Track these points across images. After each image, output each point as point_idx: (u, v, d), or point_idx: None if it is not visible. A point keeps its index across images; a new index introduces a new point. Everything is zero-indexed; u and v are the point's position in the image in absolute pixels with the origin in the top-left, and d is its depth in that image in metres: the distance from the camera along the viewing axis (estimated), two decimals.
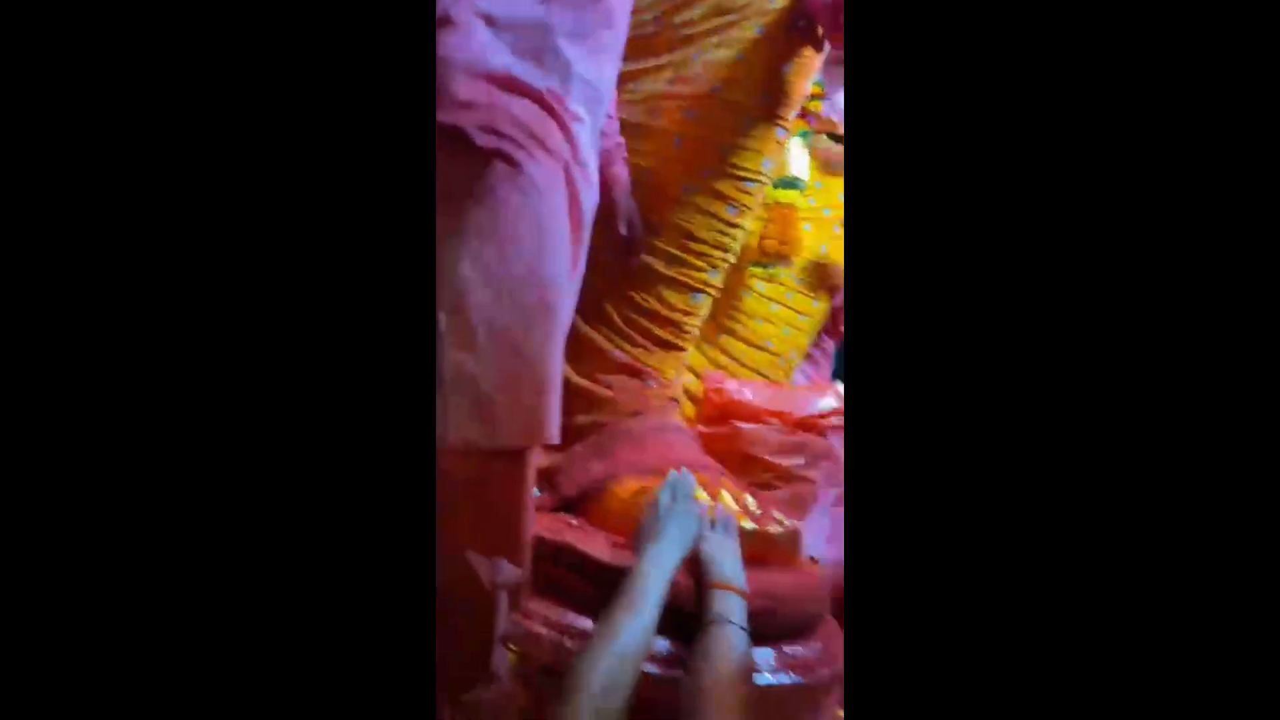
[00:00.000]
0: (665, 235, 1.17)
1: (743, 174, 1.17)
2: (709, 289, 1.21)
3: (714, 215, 1.18)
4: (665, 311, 1.18)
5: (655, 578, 0.77)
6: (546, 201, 0.71)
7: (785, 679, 0.85)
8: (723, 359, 1.90)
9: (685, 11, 1.14)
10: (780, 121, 1.16)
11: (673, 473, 0.95)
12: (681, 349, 1.23)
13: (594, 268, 0.98)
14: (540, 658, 0.84)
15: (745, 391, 1.50)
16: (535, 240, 0.70)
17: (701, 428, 1.47)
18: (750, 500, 1.06)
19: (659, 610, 0.75)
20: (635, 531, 0.87)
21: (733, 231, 1.20)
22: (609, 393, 1.15)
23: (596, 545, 0.91)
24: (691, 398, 1.71)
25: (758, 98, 1.12)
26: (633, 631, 0.70)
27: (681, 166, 1.17)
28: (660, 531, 0.84)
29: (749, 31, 1.11)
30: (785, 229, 1.69)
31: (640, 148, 1.14)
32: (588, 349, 1.15)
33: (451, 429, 0.65)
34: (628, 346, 1.18)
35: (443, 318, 0.65)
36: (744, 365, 1.84)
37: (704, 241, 1.18)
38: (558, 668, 0.79)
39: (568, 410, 1.17)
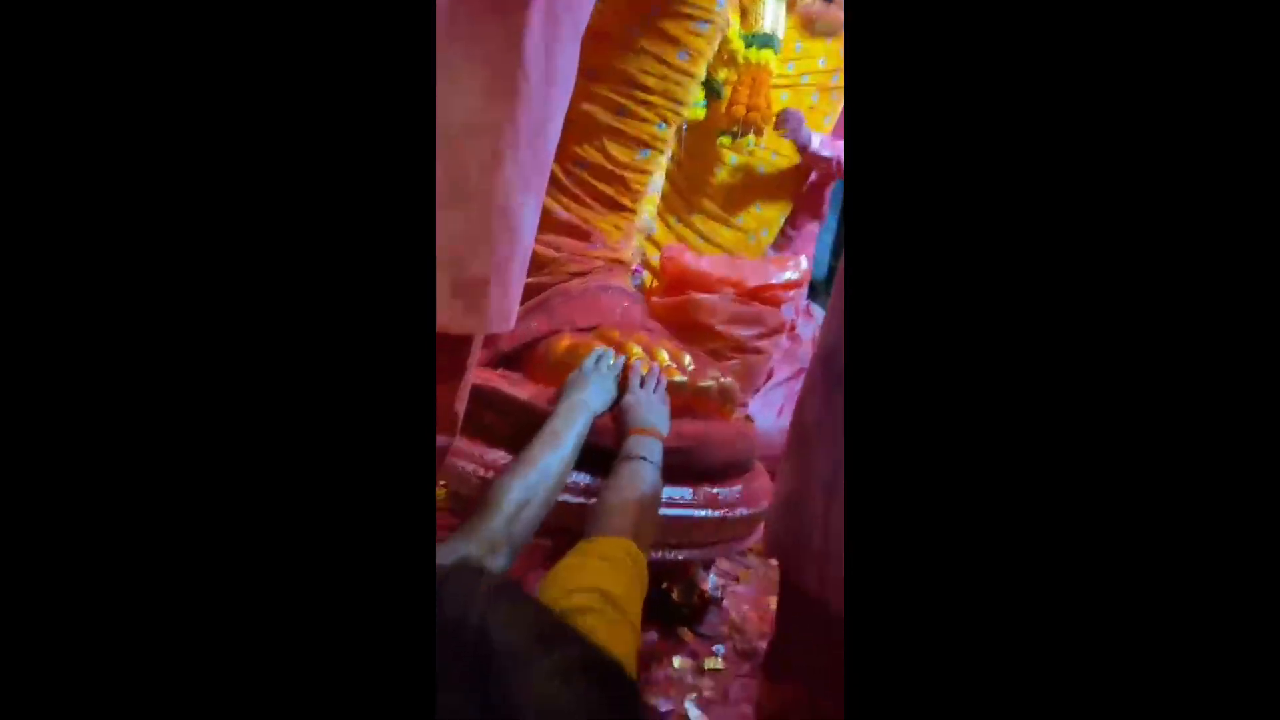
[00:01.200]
0: (609, 82, 1.10)
1: (694, 13, 1.08)
2: (657, 143, 1.16)
3: (663, 60, 1.10)
4: (610, 166, 1.13)
5: (572, 419, 0.79)
6: None
7: (699, 514, 0.89)
8: (691, 236, 1.86)
9: None
10: None
11: (599, 346, 0.96)
12: (629, 209, 1.19)
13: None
14: (466, 491, 0.87)
15: (702, 262, 1.47)
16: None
17: (655, 299, 1.46)
18: (687, 358, 1.07)
19: (574, 448, 0.78)
20: (560, 387, 0.88)
21: (683, 80, 1.13)
22: (553, 253, 1.12)
23: (524, 391, 0.93)
24: (652, 271, 1.69)
25: None
26: (548, 462, 0.73)
27: (627, 5, 1.08)
28: (582, 384, 0.86)
29: None
30: (756, 94, 1.59)
31: None
32: None
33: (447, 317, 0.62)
34: (573, 205, 1.14)
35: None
36: (713, 243, 1.81)
37: (651, 90, 1.11)
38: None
39: None
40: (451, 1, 0.58)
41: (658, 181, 1.53)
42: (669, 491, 0.86)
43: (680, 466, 0.87)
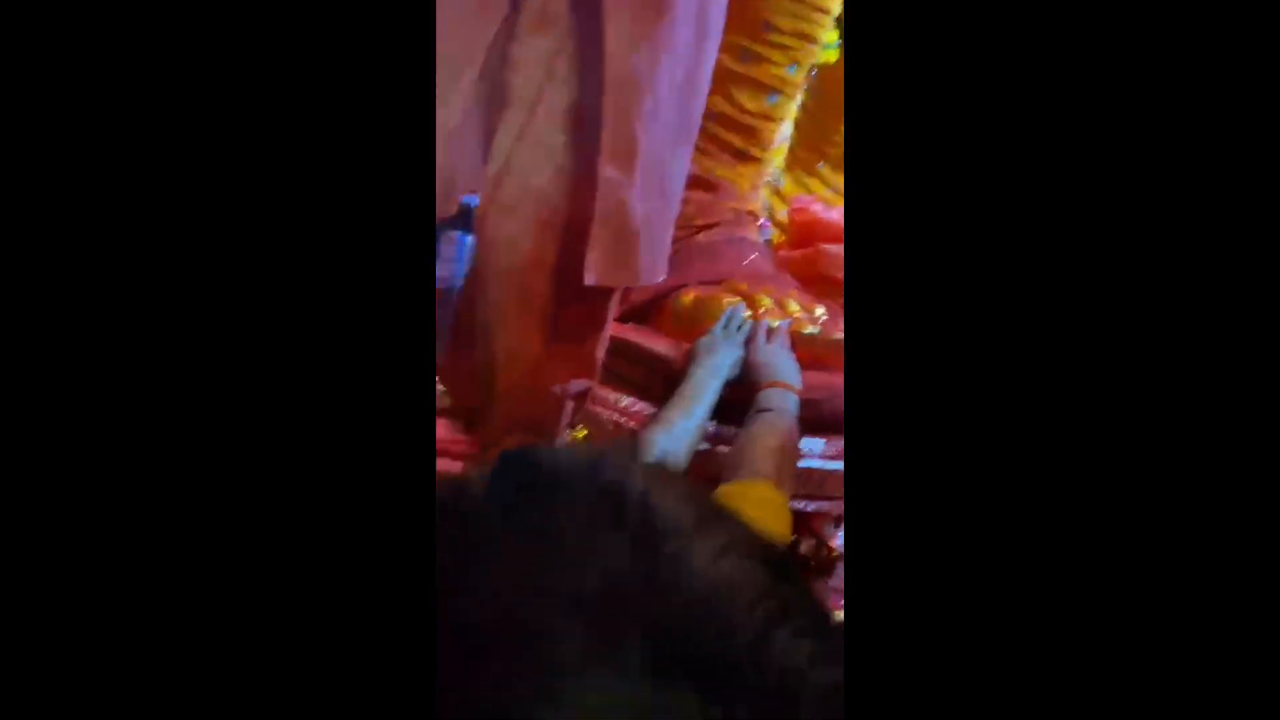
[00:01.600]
0: (738, 24, 1.07)
1: None
2: (786, 88, 1.12)
3: None
4: (737, 115, 1.11)
5: (705, 381, 0.81)
6: None
7: (830, 465, 0.88)
8: (819, 187, 1.78)
9: None
10: None
11: (730, 307, 0.96)
12: (756, 159, 1.17)
13: None
14: (603, 438, 0.92)
15: (832, 213, 1.41)
16: None
17: (784, 253, 1.42)
18: (819, 310, 1.04)
19: (706, 415, 0.80)
20: (690, 349, 0.90)
21: (817, 16, 1.08)
22: (685, 208, 1.13)
23: (657, 344, 0.96)
24: (780, 226, 1.64)
25: None
26: (682, 427, 0.75)
27: None
28: (714, 349, 0.88)
29: None
30: None
31: None
32: None
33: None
34: (699, 156, 1.14)
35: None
36: (828, 186, 1.72)
37: (782, 31, 1.07)
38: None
39: None
40: None
41: (786, 129, 1.48)
42: (802, 443, 0.85)
43: (812, 418, 0.86)
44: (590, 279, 0.69)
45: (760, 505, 0.58)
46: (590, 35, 0.64)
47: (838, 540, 1.16)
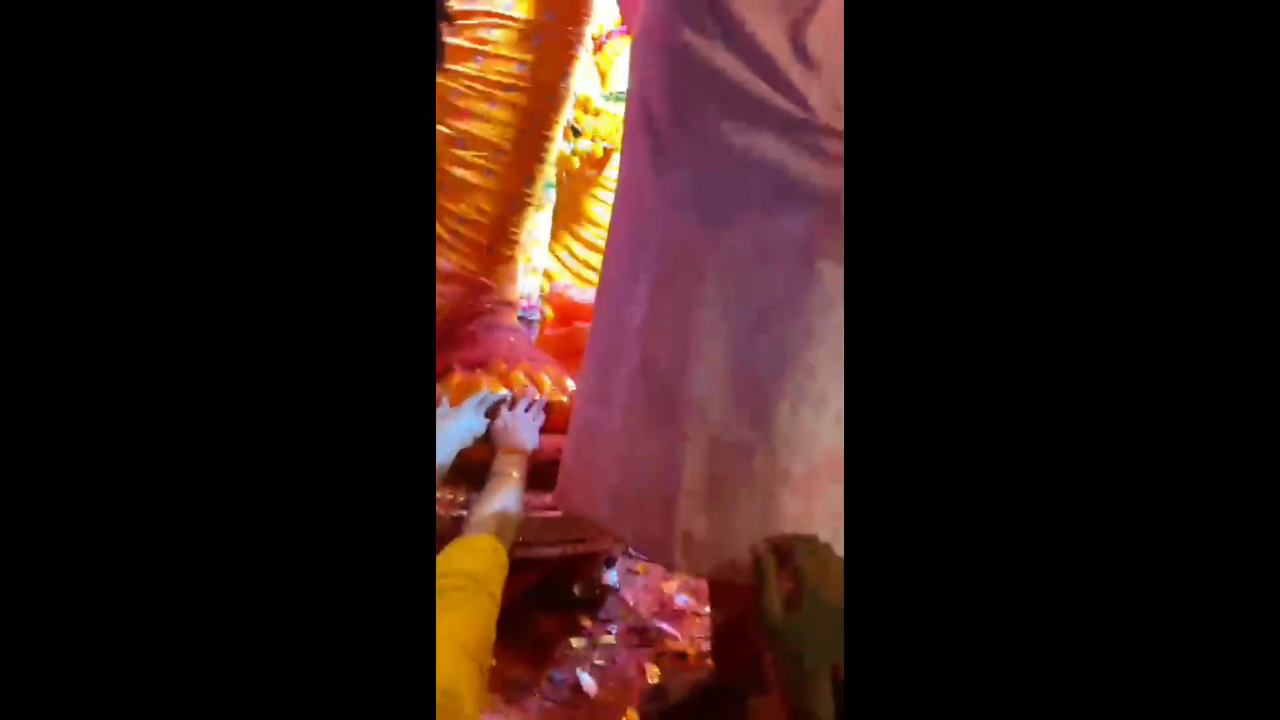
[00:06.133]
0: (476, 148, 1.27)
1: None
2: (527, 198, 1.33)
3: (510, 125, 1.27)
4: (486, 222, 1.30)
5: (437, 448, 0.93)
6: None
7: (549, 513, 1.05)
8: (568, 260, 2.05)
9: None
10: (576, 40, 1.25)
11: (484, 389, 1.12)
12: (509, 256, 1.35)
13: None
14: None
15: (586, 294, 1.65)
16: None
17: (549, 331, 1.62)
18: (569, 382, 1.23)
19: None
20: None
21: (547, 145, 1.31)
22: (441, 301, 1.27)
23: None
24: (549, 303, 1.85)
25: (546, 15, 1.20)
26: None
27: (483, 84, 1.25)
28: (446, 416, 1.02)
29: None
30: (615, 135, 1.81)
31: (441, 65, 1.21)
32: None
33: None
34: (455, 257, 1.30)
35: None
36: (589, 267, 2.00)
37: (507, 150, 1.28)
38: None
39: None
40: None
41: (543, 225, 1.71)
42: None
43: (551, 473, 1.02)
44: None
45: (477, 552, 0.72)
46: None
47: (609, 578, 1.33)
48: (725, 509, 0.69)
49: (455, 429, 0.99)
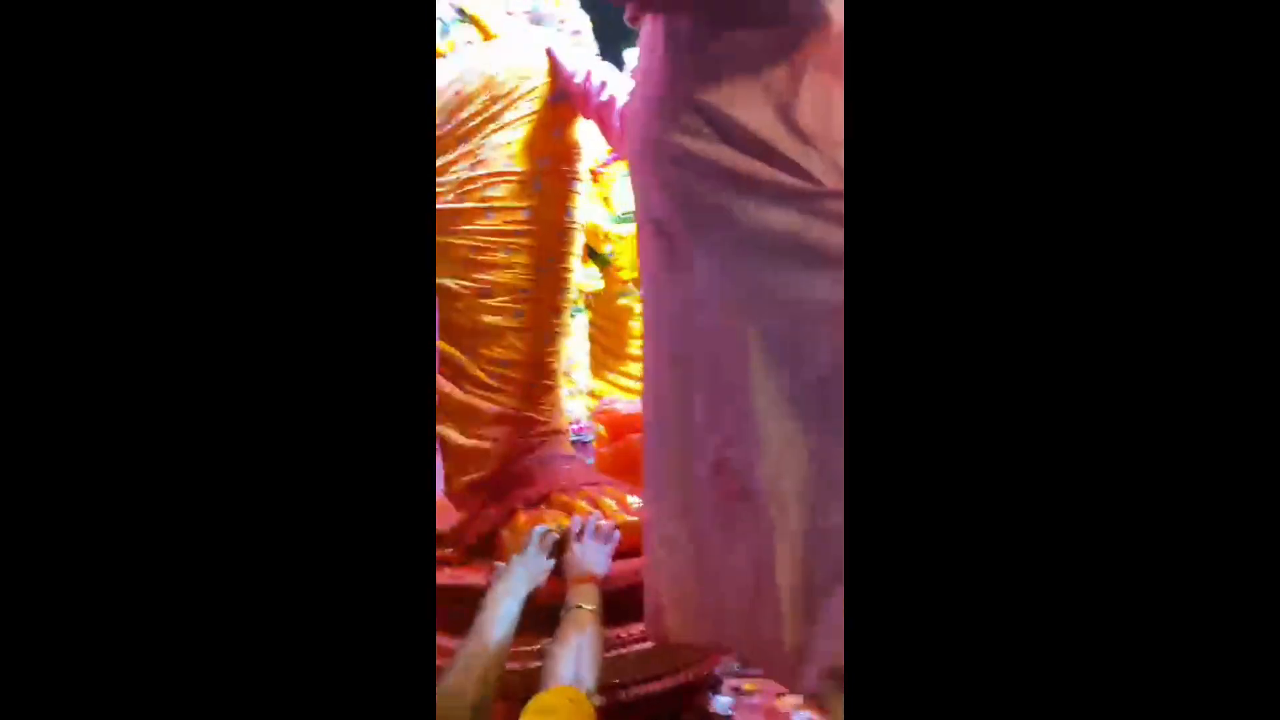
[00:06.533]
0: (502, 295, 1.33)
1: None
2: (558, 329, 1.37)
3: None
4: (524, 359, 1.33)
5: (497, 606, 0.88)
6: None
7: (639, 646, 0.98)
8: (624, 383, 2.06)
9: (466, 108, 1.32)
10: (573, 178, 1.33)
11: (537, 528, 1.08)
12: (551, 387, 1.37)
13: (446, 328, 1.13)
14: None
15: (634, 405, 1.64)
16: None
17: (603, 450, 1.60)
18: (633, 500, 1.20)
19: (504, 631, 0.86)
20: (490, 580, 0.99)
21: (565, 275, 1.37)
22: (489, 444, 1.28)
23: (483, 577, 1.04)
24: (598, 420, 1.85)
25: (541, 163, 1.30)
26: (474, 656, 0.80)
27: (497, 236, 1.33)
28: (506, 574, 0.97)
29: (521, 111, 1.29)
30: (629, 254, 1.88)
31: (458, 228, 1.30)
32: (462, 409, 1.29)
33: None
34: (498, 398, 1.32)
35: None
36: (631, 377, 2.01)
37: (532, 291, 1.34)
38: None
39: (459, 470, 1.31)
40: None
41: (580, 349, 1.75)
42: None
43: (626, 601, 0.97)
44: None
45: (554, 711, 0.66)
46: None
47: (718, 705, 1.22)
48: (833, 608, 0.63)
49: (518, 577, 0.96)
